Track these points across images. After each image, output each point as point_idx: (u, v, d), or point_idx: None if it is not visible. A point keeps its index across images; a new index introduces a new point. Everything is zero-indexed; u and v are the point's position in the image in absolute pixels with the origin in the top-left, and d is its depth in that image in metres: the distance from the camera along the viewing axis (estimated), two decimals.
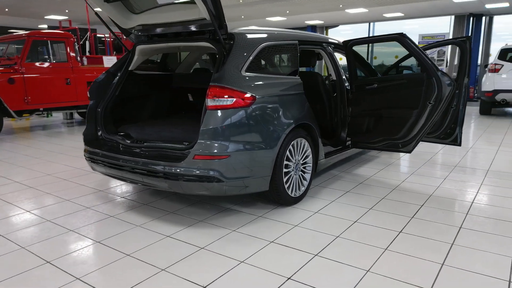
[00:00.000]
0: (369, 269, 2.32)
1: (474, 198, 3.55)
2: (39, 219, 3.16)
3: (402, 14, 14.16)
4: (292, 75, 3.46)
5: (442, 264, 2.37)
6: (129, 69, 3.64)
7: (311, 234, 2.83)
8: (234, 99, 2.80)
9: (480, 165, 4.74)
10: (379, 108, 3.83)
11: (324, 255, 2.51)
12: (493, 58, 10.46)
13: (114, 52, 9.88)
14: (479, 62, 14.70)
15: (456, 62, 12.93)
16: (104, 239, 2.78)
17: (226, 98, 2.78)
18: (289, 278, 2.24)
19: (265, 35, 3.31)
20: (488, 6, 12.28)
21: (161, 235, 2.84)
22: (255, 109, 2.91)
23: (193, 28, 3.18)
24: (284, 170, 3.19)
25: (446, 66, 12.82)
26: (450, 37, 12.99)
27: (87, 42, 9.35)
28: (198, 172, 2.76)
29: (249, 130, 2.87)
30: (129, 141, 3.22)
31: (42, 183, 4.15)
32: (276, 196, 3.21)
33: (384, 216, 3.15)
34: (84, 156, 3.49)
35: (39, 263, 2.44)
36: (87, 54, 9.41)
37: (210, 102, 2.78)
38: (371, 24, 17.81)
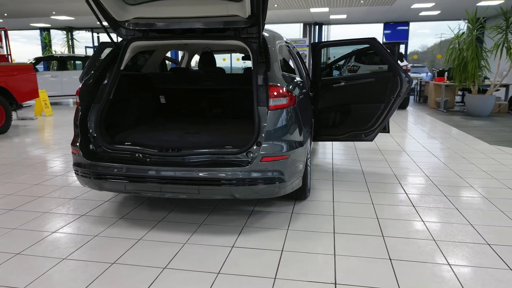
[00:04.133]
0: (435, 239, 2.74)
1: (429, 175, 4.42)
2: (53, 260, 2.47)
3: None
4: (294, 73, 3.61)
5: (471, 224, 2.98)
6: (121, 68, 3.13)
7: (356, 221, 3.08)
8: (287, 99, 2.81)
9: (395, 147, 5.80)
10: (347, 103, 4.31)
11: (388, 235, 2.81)
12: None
13: None
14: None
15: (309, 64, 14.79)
16: (167, 264, 2.41)
17: (282, 98, 2.77)
18: (389, 259, 2.46)
19: (276, 35, 3.37)
20: (332, 17, 14.55)
21: (225, 247, 2.63)
22: (296, 108, 2.97)
23: (216, 25, 2.99)
24: None
25: (308, 67, 14.62)
26: (306, 41, 14.82)
27: None
28: (265, 174, 2.67)
29: (295, 128, 2.92)
30: (155, 151, 2.80)
31: None
32: (302, 191, 3.33)
33: (387, 196, 3.63)
34: (84, 174, 2.84)
35: None
36: None
37: (272, 102, 2.72)
38: None
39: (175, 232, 2.87)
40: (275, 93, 2.74)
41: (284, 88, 2.83)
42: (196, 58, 5.47)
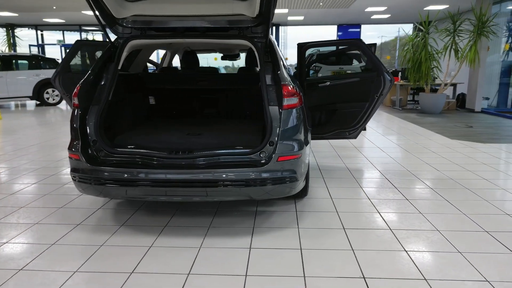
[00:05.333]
0: (440, 230, 2.90)
1: (410, 170, 4.65)
2: (64, 274, 2.28)
3: None
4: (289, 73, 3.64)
5: (464, 214, 3.19)
6: (118, 68, 2.97)
7: (360, 216, 3.16)
8: (297, 98, 2.83)
9: (367, 144, 6.04)
10: (332, 102, 4.42)
11: (395, 228, 2.93)
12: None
13: None
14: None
15: None
16: (190, 270, 2.33)
17: (293, 97, 2.79)
18: (405, 250, 2.57)
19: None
20: (289, 18, 14.82)
21: (243, 249, 2.60)
22: (303, 107, 3.00)
23: (220, 24, 2.94)
24: None
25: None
26: None
27: None
28: (281, 174, 2.67)
29: (303, 127, 2.95)
30: (165, 153, 2.69)
31: None
32: (305, 190, 3.37)
33: (379, 191, 3.78)
34: (83, 180, 2.66)
35: None
36: None
37: (285, 102, 2.72)
38: None
39: (185, 237, 2.79)
40: (287, 93, 2.75)
41: (292, 86, 2.85)
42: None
